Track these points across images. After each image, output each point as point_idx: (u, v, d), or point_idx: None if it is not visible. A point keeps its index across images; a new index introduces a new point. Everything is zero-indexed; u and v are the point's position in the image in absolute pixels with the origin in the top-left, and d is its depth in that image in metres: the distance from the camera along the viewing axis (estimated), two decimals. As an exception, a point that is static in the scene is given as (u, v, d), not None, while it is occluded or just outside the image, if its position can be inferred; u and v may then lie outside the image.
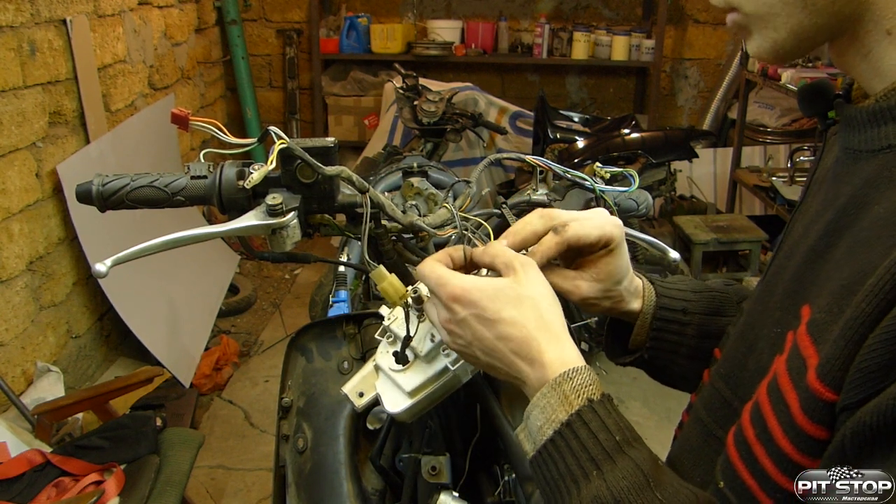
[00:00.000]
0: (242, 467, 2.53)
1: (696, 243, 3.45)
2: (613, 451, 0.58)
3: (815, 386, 0.51)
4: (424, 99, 2.52)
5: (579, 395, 0.61)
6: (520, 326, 0.64)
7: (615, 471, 0.57)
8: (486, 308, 0.65)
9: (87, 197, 0.83)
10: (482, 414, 0.98)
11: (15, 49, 2.35)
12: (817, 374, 0.51)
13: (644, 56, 4.32)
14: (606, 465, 0.57)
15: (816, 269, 0.58)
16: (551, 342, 0.64)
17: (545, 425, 0.61)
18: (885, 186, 0.54)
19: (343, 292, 1.92)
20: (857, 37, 0.58)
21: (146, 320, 2.79)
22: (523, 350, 0.64)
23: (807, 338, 0.54)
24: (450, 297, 0.67)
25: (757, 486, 0.56)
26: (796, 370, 0.54)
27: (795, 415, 0.53)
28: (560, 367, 0.62)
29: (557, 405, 0.61)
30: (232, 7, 4.36)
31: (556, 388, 0.62)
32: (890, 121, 0.55)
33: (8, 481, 1.75)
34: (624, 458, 0.58)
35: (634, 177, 0.93)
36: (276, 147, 0.77)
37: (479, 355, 0.67)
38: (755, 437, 0.57)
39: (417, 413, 0.80)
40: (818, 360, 0.52)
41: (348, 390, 0.85)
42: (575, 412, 0.60)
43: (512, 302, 0.65)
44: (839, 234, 0.57)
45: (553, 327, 0.65)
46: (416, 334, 0.76)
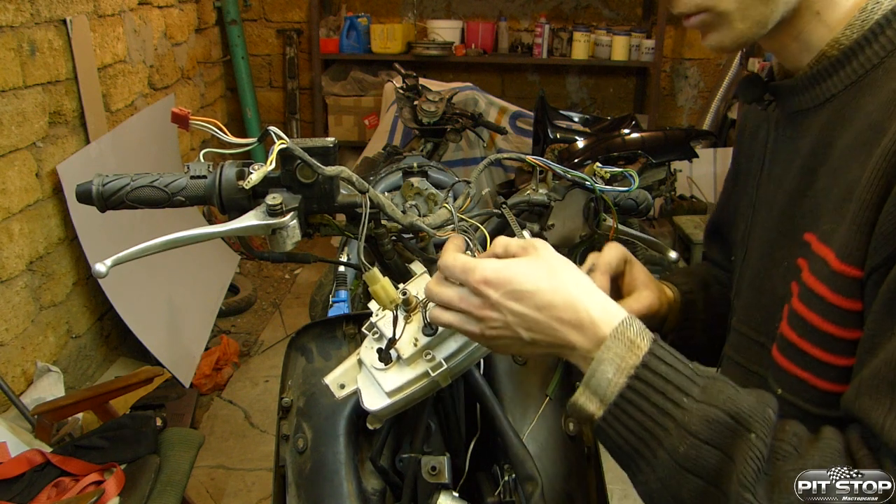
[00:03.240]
0: (242, 467, 2.53)
1: (696, 243, 3.45)
2: (693, 376, 0.60)
3: (841, 268, 0.61)
4: (424, 99, 2.52)
5: (643, 337, 0.62)
6: (560, 292, 0.65)
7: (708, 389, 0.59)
8: (523, 282, 0.65)
9: (87, 197, 0.83)
10: (482, 414, 0.98)
11: (15, 49, 2.35)
12: (840, 260, 0.61)
13: (644, 56, 4.32)
14: (694, 389, 0.59)
15: (804, 205, 0.70)
16: (593, 300, 0.65)
17: (615, 375, 0.61)
18: (841, 126, 0.67)
19: (343, 292, 1.93)
20: (791, 21, 0.70)
21: (146, 320, 2.79)
22: (568, 313, 0.64)
23: (822, 245, 0.64)
24: (481, 281, 0.66)
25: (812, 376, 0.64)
26: (819, 270, 0.64)
27: (830, 299, 0.62)
28: (611, 320, 0.63)
29: (626, 352, 0.62)
30: (232, 7, 4.35)
31: (619, 337, 0.62)
32: (826, 78, 0.69)
33: (8, 481, 1.75)
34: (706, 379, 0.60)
35: (634, 177, 0.92)
36: (276, 147, 0.77)
37: (522, 333, 0.66)
38: (798, 336, 0.65)
39: (393, 412, 0.81)
40: (835, 252, 0.62)
41: (330, 381, 0.85)
42: (647, 352, 0.61)
43: (545, 272, 0.66)
44: (814, 172, 0.69)
45: (590, 287, 0.66)
46: (401, 337, 0.77)
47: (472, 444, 0.97)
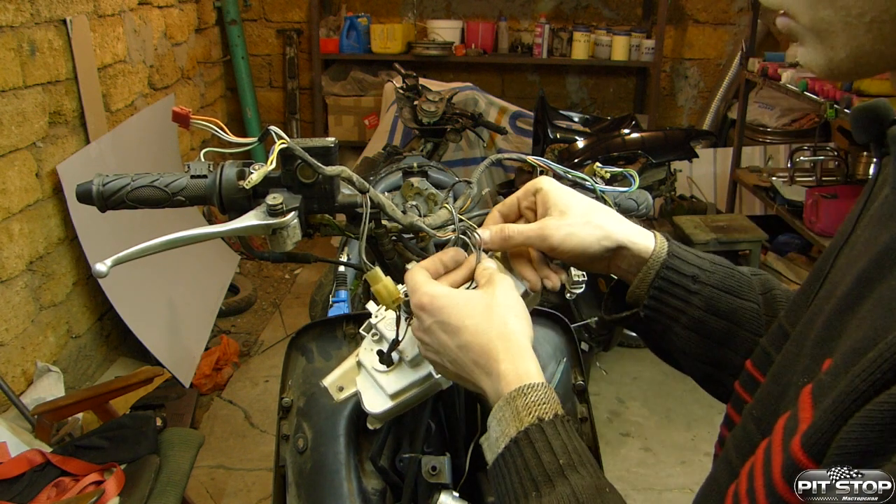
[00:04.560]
0: (242, 467, 2.53)
1: (696, 243, 3.45)
2: (554, 474, 0.58)
3: (797, 452, 0.49)
4: (424, 99, 2.52)
5: (530, 412, 0.61)
6: (480, 335, 0.65)
7: (552, 495, 0.57)
8: (451, 315, 0.66)
9: (87, 197, 0.83)
10: (482, 414, 0.98)
11: (15, 49, 2.35)
12: (802, 441, 0.49)
13: (644, 56, 4.32)
14: (545, 488, 0.57)
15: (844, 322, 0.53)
16: (510, 354, 0.64)
17: (500, 438, 0.61)
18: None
19: (343, 292, 1.92)
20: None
21: (146, 320, 2.79)
22: (482, 359, 0.65)
23: (808, 398, 0.51)
24: (417, 305, 0.68)
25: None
26: (789, 431, 0.51)
27: (775, 477, 0.50)
28: (515, 381, 0.62)
29: (510, 420, 0.61)
30: (232, 7, 4.36)
31: (510, 402, 0.62)
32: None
33: (8, 481, 1.75)
34: (563, 483, 0.57)
35: (634, 177, 0.92)
36: (277, 147, 0.77)
37: (447, 365, 0.68)
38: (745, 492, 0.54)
39: (394, 414, 0.81)
40: (807, 426, 0.49)
41: (328, 383, 0.85)
42: (523, 430, 0.60)
43: (478, 312, 0.66)
44: (870, 287, 0.52)
45: (515, 339, 0.65)
46: (404, 338, 0.77)
47: (472, 444, 0.97)
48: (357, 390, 0.81)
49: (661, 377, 3.14)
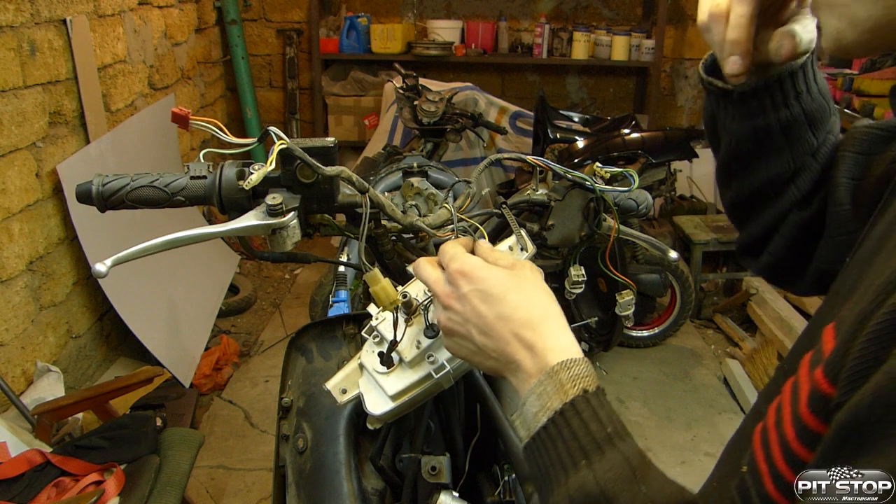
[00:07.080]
0: (242, 467, 2.53)
1: (696, 243, 3.45)
2: (603, 441, 0.58)
3: (818, 378, 0.51)
4: (424, 99, 2.52)
5: (575, 384, 0.61)
6: (525, 309, 0.65)
7: (603, 461, 0.57)
8: (494, 286, 0.66)
9: (87, 197, 0.83)
10: (482, 414, 0.98)
11: (15, 49, 2.35)
12: (824, 368, 0.51)
13: (644, 56, 4.32)
14: (595, 456, 0.58)
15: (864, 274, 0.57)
16: (554, 329, 0.65)
17: (540, 412, 0.61)
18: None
19: (343, 292, 1.93)
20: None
21: (146, 320, 2.79)
22: (524, 332, 0.65)
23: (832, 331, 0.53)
24: (457, 271, 0.68)
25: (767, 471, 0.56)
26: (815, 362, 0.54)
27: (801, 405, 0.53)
28: (560, 355, 0.63)
29: (553, 393, 0.61)
30: (232, 7, 4.36)
31: (553, 375, 0.62)
32: None
33: (8, 481, 1.75)
34: (613, 450, 0.58)
35: (634, 177, 0.92)
36: (276, 147, 0.77)
37: (475, 335, 0.67)
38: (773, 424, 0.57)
39: (396, 415, 0.81)
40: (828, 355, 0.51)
41: (331, 386, 0.85)
42: (569, 401, 0.60)
43: (518, 287, 0.67)
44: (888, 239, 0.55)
45: (556, 316, 0.66)
46: (402, 340, 0.77)
47: (472, 444, 0.97)
48: (359, 392, 0.81)
49: (661, 377, 3.15)
